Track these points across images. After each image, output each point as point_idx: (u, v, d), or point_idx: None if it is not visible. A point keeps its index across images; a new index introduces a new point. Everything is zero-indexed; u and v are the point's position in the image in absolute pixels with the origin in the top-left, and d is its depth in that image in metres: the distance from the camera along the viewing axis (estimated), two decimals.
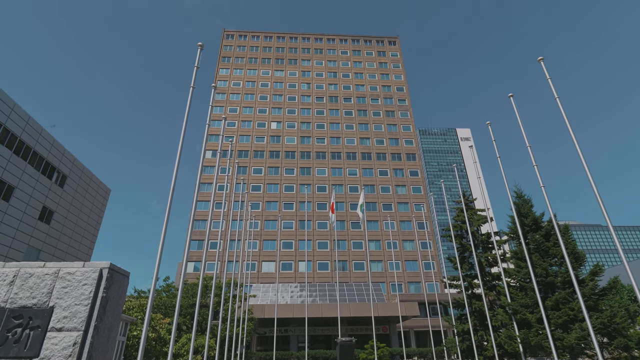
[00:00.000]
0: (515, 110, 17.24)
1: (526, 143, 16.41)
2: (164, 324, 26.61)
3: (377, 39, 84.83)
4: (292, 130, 70.08)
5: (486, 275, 24.43)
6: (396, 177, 66.75)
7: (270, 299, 44.47)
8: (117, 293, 5.30)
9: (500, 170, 18.64)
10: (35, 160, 32.79)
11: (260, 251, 57.14)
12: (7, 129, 29.47)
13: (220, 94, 71.94)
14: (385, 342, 37.37)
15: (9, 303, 4.74)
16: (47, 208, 34.55)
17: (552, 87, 14.13)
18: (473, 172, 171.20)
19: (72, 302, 4.78)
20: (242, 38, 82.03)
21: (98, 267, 5.07)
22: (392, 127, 72.23)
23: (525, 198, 21.30)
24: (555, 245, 18.12)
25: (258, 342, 41.97)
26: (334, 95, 75.12)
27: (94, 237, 42.23)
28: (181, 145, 10.87)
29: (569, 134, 13.10)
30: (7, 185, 29.67)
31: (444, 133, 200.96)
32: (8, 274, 4.94)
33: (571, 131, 13.07)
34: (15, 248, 30.55)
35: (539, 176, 15.44)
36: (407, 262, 58.96)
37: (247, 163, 65.16)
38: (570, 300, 16.57)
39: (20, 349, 4.46)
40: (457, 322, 24.79)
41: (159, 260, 9.17)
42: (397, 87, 77.48)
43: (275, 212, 60.29)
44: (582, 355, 16.83)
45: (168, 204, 9.96)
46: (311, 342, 40.76)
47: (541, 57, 14.76)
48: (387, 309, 38.92)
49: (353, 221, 61.29)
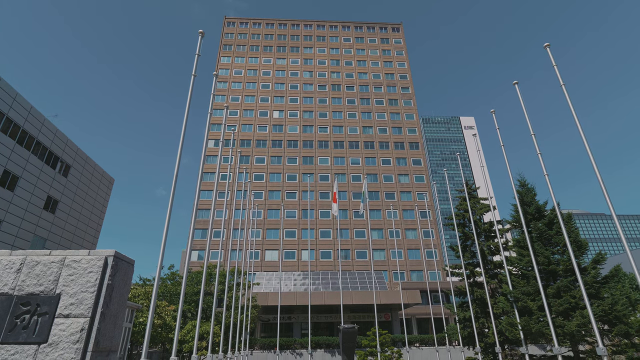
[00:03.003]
0: (520, 99, 17.05)
1: (530, 131, 16.26)
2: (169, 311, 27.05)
3: (380, 25, 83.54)
4: (294, 119, 69.74)
5: (488, 263, 24.54)
6: (399, 165, 66.56)
7: (274, 286, 44.99)
8: (123, 280, 5.37)
9: (504, 159, 18.54)
10: (38, 150, 32.92)
11: (263, 240, 57.56)
12: (10, 119, 29.52)
13: (222, 83, 71.47)
14: (387, 329, 37.86)
15: (17, 290, 4.82)
16: (52, 197, 34.83)
17: (558, 74, 13.93)
18: (476, 160, 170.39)
19: (78, 290, 4.85)
20: (243, 25, 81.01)
21: (103, 255, 5.12)
22: (395, 115, 71.70)
23: (529, 187, 21.22)
24: (558, 234, 18.12)
25: (262, 328, 42.63)
26: (337, 84, 74.44)
27: (98, 226, 42.64)
28: (183, 134, 10.86)
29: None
30: (11, 175, 29.87)
31: (448, 122, 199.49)
32: (15, 262, 5.00)
33: (577, 122, 12.92)
34: (21, 237, 30.93)
35: (543, 165, 15.35)
36: (410, 251, 59.26)
37: (250, 152, 65.12)
38: (572, 288, 16.64)
39: (29, 334, 4.55)
40: (459, 309, 25.03)
41: (163, 248, 9.26)
42: (401, 74, 76.63)
43: (278, 201, 60.49)
44: (582, 342, 16.99)
45: (171, 195, 10.00)
46: (314, 328, 41.36)
47: (547, 44, 14.51)
48: (389, 297, 39.32)
49: (356, 210, 61.44)
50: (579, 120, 12.85)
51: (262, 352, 36.86)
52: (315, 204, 61.26)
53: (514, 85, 17.27)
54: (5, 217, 29.28)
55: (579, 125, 12.74)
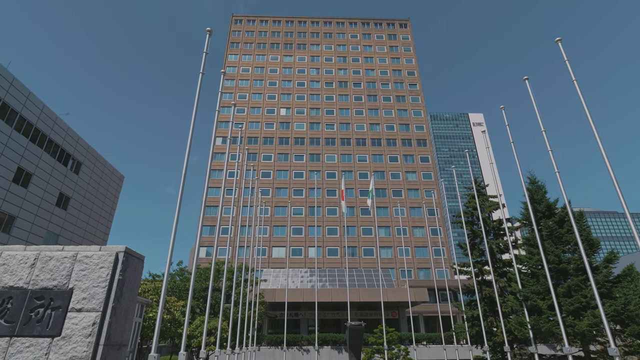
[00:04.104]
0: (531, 95, 16.80)
1: (541, 128, 16.02)
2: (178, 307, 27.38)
3: (387, 21, 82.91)
4: (301, 116, 69.73)
5: (497, 261, 24.32)
6: (406, 163, 66.19)
7: (281, 283, 45.19)
8: (133, 276, 5.44)
9: (513, 155, 18.29)
10: (50, 147, 33.46)
11: (270, 237, 57.80)
12: (23, 117, 30.04)
13: (230, 80, 71.71)
14: (394, 327, 37.80)
15: (31, 284, 4.92)
16: (64, 194, 35.40)
17: (570, 69, 13.69)
18: (485, 157, 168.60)
19: (90, 284, 4.93)
20: (250, 23, 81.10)
21: (114, 251, 5.19)
22: (402, 112, 71.23)
23: (539, 184, 20.92)
24: (569, 232, 17.86)
25: (269, 324, 42.89)
26: (344, 81, 74.17)
27: (109, 222, 43.25)
28: (191, 131, 10.93)
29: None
30: (25, 172, 30.43)
31: (456, 118, 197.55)
32: (29, 257, 5.11)
33: (590, 118, 12.68)
34: (35, 233, 31.54)
35: (554, 162, 15.12)
36: (417, 249, 59.00)
37: (257, 150, 65.34)
38: (583, 287, 16.41)
39: (43, 328, 4.64)
40: (467, 308, 24.86)
41: (172, 245, 9.36)
42: (408, 71, 76.03)
43: (285, 199, 60.65)
44: (593, 342, 16.76)
45: (180, 192, 10.09)
46: (321, 325, 41.48)
47: (559, 38, 14.26)
48: (396, 295, 39.23)
49: (362, 207, 61.32)
50: (590, 115, 12.62)
51: (269, 348, 37.11)
52: (322, 202, 61.29)
53: (523, 81, 17.02)
54: (19, 214, 29.87)
55: (591, 122, 12.51)
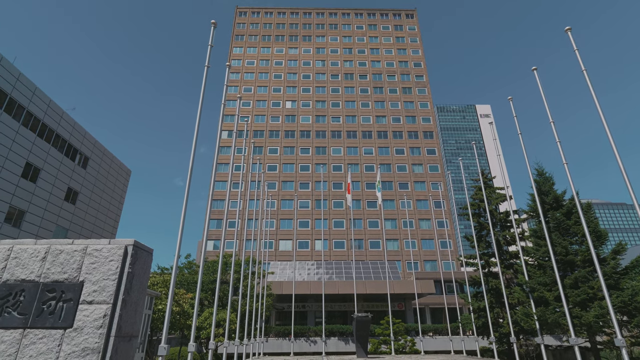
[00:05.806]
0: (539, 85, 16.53)
1: (549, 119, 15.79)
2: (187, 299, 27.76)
3: (393, 12, 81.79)
4: (307, 109, 69.49)
5: (504, 253, 24.24)
6: (413, 155, 65.82)
7: (288, 276, 45.56)
8: (142, 269, 5.53)
9: (520, 146, 18.08)
10: (58, 142, 33.83)
11: (277, 230, 58.13)
12: (30, 112, 30.36)
13: (235, 73, 71.56)
14: (400, 318, 38.00)
15: (43, 278, 5.03)
16: (72, 189, 35.87)
17: (580, 59, 13.43)
18: (492, 149, 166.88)
19: (100, 277, 5.03)
20: (255, 15, 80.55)
21: (123, 244, 5.28)
22: (409, 104, 70.62)
23: (547, 176, 20.70)
24: (577, 224, 17.70)
25: (277, 316, 43.37)
26: (350, 72, 73.59)
27: (117, 216, 43.81)
28: (197, 125, 10.98)
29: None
30: (33, 167, 30.85)
31: (463, 110, 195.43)
32: (40, 251, 5.21)
33: (600, 110, 12.46)
34: (44, 227, 32.07)
35: (562, 153, 14.92)
36: (423, 241, 58.96)
37: (263, 143, 65.39)
38: (590, 279, 16.31)
39: (55, 320, 4.76)
40: (473, 299, 24.88)
41: (180, 238, 9.47)
42: (415, 62, 75.16)
43: (292, 192, 60.79)
44: (600, 333, 16.71)
45: (187, 186, 10.18)
46: (328, 317, 41.83)
47: (568, 27, 13.97)
48: (402, 287, 39.35)
49: (369, 200, 61.28)
50: (600, 106, 12.40)
51: (277, 340, 37.57)
52: (328, 194, 61.34)
53: (531, 72, 16.74)
54: (29, 208, 30.36)
55: (601, 114, 12.30)
